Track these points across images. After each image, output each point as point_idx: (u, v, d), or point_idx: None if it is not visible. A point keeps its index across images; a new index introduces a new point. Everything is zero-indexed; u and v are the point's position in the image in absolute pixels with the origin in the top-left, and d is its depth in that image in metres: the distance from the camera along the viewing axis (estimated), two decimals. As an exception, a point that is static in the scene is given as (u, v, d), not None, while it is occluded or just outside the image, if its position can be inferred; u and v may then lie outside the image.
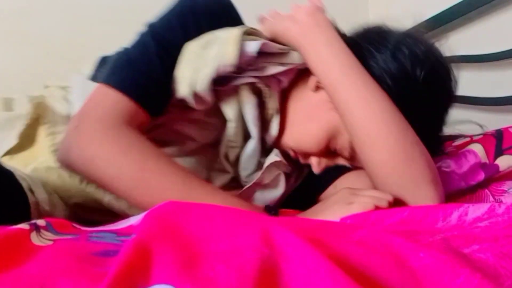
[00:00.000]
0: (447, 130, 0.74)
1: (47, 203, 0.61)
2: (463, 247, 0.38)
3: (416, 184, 0.60)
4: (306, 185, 0.82)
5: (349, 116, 0.64)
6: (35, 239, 0.40)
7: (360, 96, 0.62)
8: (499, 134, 0.82)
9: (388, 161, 0.61)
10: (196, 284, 0.28)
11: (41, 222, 0.45)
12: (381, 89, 0.63)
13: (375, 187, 0.64)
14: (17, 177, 0.57)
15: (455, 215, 0.48)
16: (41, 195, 0.60)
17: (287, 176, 0.78)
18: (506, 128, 0.83)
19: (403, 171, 0.60)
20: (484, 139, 0.81)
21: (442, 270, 0.32)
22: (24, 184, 0.58)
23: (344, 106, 0.64)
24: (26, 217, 0.53)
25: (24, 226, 0.42)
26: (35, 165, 0.68)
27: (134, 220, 0.49)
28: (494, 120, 1.11)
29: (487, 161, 0.76)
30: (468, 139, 0.85)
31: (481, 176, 0.73)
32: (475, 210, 0.47)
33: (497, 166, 0.75)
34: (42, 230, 0.43)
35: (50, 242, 0.40)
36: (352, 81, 0.63)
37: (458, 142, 0.86)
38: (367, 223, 0.52)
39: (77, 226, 0.49)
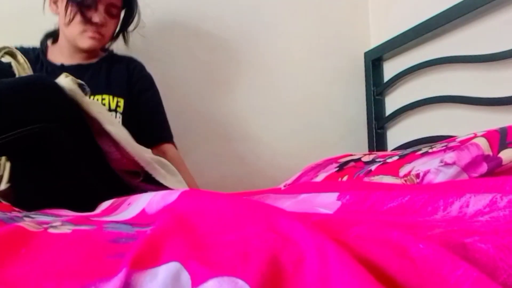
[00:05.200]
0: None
1: None
2: (464, 238, 0.37)
3: None
4: None
5: None
6: (51, 230, 0.40)
7: None
8: (503, 130, 0.79)
9: None
10: (201, 260, 0.27)
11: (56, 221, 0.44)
12: None
13: None
14: None
15: (456, 206, 0.46)
16: None
17: None
18: (510, 126, 0.81)
19: None
20: (488, 133, 0.79)
21: (442, 261, 0.31)
22: None
23: None
24: None
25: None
26: None
27: (144, 202, 0.48)
28: (494, 120, 1.09)
29: (491, 154, 0.73)
30: (472, 135, 0.83)
31: (484, 168, 0.71)
32: (476, 202, 0.45)
33: (500, 159, 0.72)
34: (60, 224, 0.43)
35: (69, 231, 0.40)
36: None
37: (462, 137, 0.84)
38: (366, 204, 0.51)
39: (94, 218, 0.49)
